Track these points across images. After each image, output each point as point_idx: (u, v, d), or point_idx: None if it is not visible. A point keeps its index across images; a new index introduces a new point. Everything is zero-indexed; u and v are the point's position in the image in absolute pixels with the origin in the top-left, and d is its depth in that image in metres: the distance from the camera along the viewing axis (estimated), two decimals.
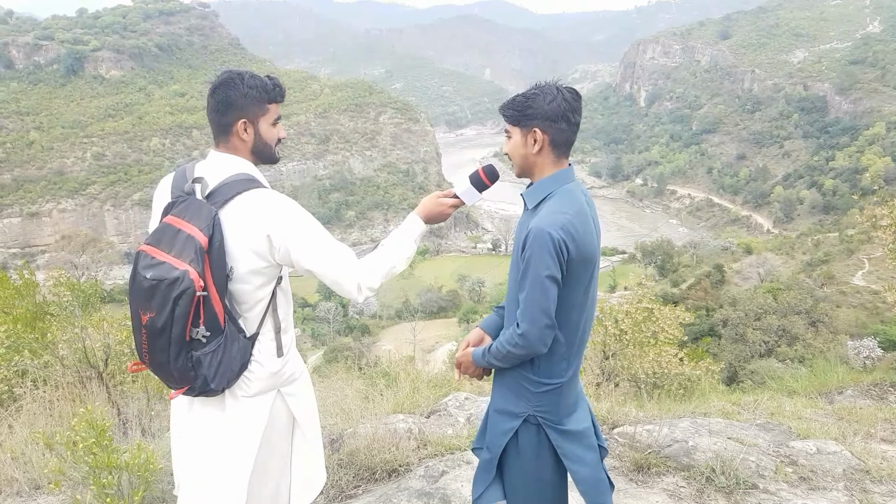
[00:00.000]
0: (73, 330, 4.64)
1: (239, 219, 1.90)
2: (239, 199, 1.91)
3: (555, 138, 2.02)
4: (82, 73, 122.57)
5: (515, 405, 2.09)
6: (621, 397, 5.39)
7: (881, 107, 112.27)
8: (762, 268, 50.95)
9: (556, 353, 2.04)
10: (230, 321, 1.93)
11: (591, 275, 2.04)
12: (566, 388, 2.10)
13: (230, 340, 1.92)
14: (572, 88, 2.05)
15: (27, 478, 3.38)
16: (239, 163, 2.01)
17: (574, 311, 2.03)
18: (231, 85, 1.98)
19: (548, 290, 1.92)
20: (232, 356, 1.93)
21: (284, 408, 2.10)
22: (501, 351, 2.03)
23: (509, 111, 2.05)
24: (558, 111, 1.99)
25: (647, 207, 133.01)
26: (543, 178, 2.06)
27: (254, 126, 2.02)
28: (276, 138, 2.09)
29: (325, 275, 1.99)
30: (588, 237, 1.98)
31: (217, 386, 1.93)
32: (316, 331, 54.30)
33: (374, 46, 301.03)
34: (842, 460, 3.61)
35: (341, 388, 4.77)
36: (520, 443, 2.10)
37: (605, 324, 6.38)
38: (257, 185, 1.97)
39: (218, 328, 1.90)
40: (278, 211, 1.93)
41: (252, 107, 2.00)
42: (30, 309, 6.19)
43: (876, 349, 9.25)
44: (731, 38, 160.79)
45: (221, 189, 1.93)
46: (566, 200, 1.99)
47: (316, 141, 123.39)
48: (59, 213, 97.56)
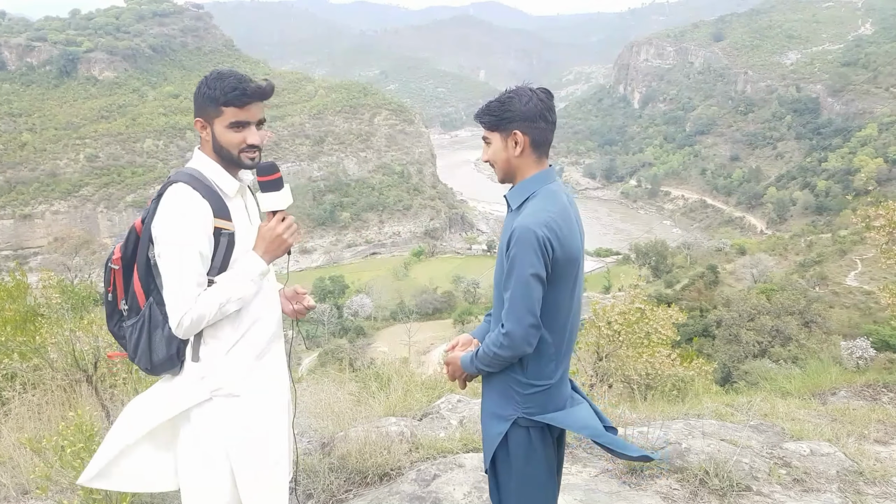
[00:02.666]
0: (62, 333, 4.60)
1: (157, 209, 1.98)
2: (168, 190, 1.98)
3: (535, 138, 2.04)
4: (75, 75, 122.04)
5: (504, 408, 2.08)
6: (614, 399, 5.38)
7: (873, 108, 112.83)
8: (756, 268, 51.16)
9: (544, 355, 2.03)
10: (156, 306, 2.00)
11: (576, 275, 2.04)
12: (555, 389, 2.09)
13: (152, 325, 2.01)
14: (544, 88, 2.08)
15: (15, 482, 3.34)
16: (199, 158, 2.06)
17: (561, 312, 2.03)
18: (199, 84, 2.02)
19: (532, 288, 1.92)
20: (154, 341, 2.01)
21: (214, 416, 2.03)
22: (488, 354, 2.02)
23: (486, 117, 2.06)
24: (535, 111, 2.01)
25: (641, 208, 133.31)
26: (526, 178, 2.07)
27: (210, 127, 2.02)
28: (240, 142, 2.00)
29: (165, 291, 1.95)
30: (572, 236, 1.99)
31: (139, 363, 2.04)
32: (310, 332, 54.20)
33: (369, 47, 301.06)
34: (835, 462, 3.61)
35: (333, 390, 4.73)
36: (510, 445, 2.08)
37: (599, 325, 6.36)
38: (186, 180, 1.97)
39: (136, 307, 2.04)
40: (161, 211, 1.95)
41: (206, 108, 2.00)
42: (20, 311, 6.13)
43: (869, 349, 9.28)
44: (724, 40, 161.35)
45: (168, 179, 2.01)
46: (549, 200, 2.01)
47: (310, 142, 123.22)
48: (52, 214, 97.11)
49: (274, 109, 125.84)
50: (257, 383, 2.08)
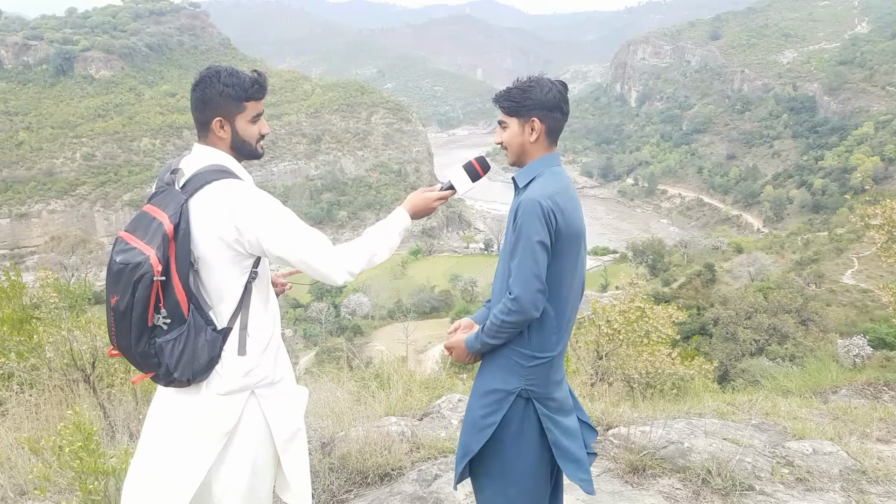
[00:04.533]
0: (59, 332, 4.56)
1: (207, 207, 1.90)
2: (208, 189, 1.92)
3: (550, 127, 2.16)
4: (72, 73, 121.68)
5: (506, 382, 2.12)
6: (615, 397, 5.36)
7: (869, 107, 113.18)
8: (753, 267, 51.27)
9: (547, 326, 2.10)
10: (196, 311, 1.93)
11: (578, 252, 2.13)
12: (556, 362, 2.16)
13: (195, 331, 1.92)
14: (562, 81, 2.19)
15: (12, 483, 3.32)
16: (216, 155, 2.03)
17: (563, 286, 2.11)
18: (208, 83, 1.98)
19: (538, 254, 2.01)
20: (198, 348, 1.92)
21: (259, 411, 2.03)
22: (495, 324, 2.07)
23: (507, 102, 2.16)
24: (554, 101, 2.13)
25: (637, 207, 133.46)
26: (534, 160, 2.18)
27: (230, 124, 2.01)
28: (258, 135, 2.07)
29: (301, 261, 1.96)
30: (574, 213, 2.09)
31: (181, 376, 1.92)
32: (308, 331, 54.15)
33: (366, 46, 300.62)
34: (838, 461, 3.60)
35: (332, 390, 4.71)
36: (507, 416, 2.12)
37: (598, 323, 6.35)
38: (228, 175, 1.96)
39: (180, 316, 1.91)
40: (245, 200, 1.92)
41: (227, 105, 1.99)
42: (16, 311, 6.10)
43: (866, 347, 9.32)
44: (720, 39, 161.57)
45: (194, 179, 1.95)
46: (554, 179, 2.12)
47: (307, 141, 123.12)
48: (49, 213, 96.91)
49: (271, 108, 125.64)
50: (285, 368, 2.14)
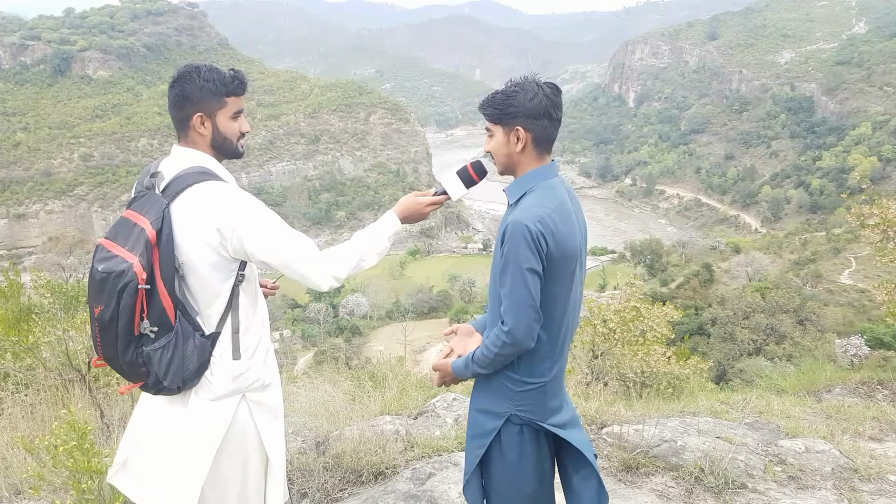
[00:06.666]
0: (55, 332, 4.57)
1: (189, 211, 1.87)
2: (189, 192, 1.88)
3: (537, 136, 1.99)
4: (69, 74, 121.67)
5: (498, 405, 2.04)
6: (610, 397, 5.37)
7: (867, 107, 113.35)
8: (750, 267, 51.28)
9: (538, 353, 1.99)
10: (183, 317, 1.89)
11: (573, 272, 1.99)
12: (550, 387, 2.04)
13: (183, 338, 1.88)
14: (552, 83, 2.00)
15: (8, 483, 3.32)
16: (196, 156, 1.98)
17: (557, 309, 1.98)
18: (187, 79, 1.94)
19: (530, 283, 1.88)
20: (186, 355, 1.88)
21: (249, 415, 2.02)
22: (487, 356, 1.97)
23: (490, 109, 2.01)
24: (540, 108, 1.95)
25: (636, 207, 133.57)
26: (525, 173, 2.03)
27: (211, 120, 1.97)
28: (238, 132, 2.03)
29: (285, 265, 1.93)
30: (569, 233, 1.94)
31: (171, 384, 1.89)
32: (306, 332, 54.11)
33: (365, 46, 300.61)
34: (830, 459, 3.61)
35: (328, 389, 4.72)
36: (503, 443, 2.04)
37: (594, 323, 6.36)
38: (210, 177, 1.93)
39: (167, 324, 1.86)
40: (227, 203, 1.88)
41: (208, 101, 1.95)
42: (13, 311, 6.10)
43: (863, 347, 9.31)
44: (718, 39, 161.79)
45: (174, 182, 1.91)
46: (547, 195, 1.96)
47: (305, 141, 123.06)
48: (47, 214, 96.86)
49: (269, 108, 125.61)
50: (273, 371, 2.13)
